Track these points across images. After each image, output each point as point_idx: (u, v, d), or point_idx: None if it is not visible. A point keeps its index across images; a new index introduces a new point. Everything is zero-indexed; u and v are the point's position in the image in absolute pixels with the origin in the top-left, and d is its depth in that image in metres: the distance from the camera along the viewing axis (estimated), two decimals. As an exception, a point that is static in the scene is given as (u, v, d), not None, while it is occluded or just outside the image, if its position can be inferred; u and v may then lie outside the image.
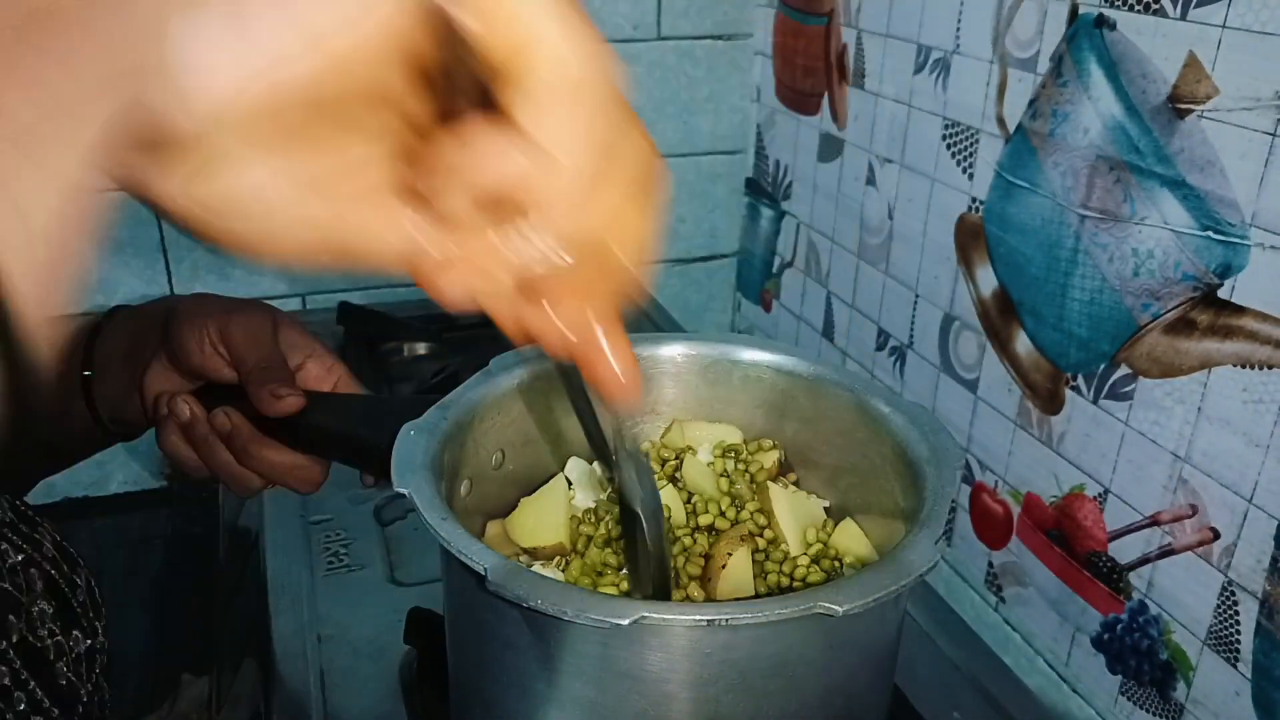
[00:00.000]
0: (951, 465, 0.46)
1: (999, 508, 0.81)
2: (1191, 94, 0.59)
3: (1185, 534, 0.63)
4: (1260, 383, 0.57)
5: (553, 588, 0.38)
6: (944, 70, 0.82)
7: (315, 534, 0.80)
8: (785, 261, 1.15)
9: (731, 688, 0.39)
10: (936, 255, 0.86)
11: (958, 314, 0.84)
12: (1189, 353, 0.62)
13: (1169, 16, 0.60)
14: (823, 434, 0.56)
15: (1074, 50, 0.68)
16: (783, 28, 1.10)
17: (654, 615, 0.36)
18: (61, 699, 0.46)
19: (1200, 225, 0.60)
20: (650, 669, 0.39)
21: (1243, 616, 0.60)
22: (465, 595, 0.44)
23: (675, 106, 1.19)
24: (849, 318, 1.02)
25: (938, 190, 0.85)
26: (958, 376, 0.85)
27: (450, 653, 0.49)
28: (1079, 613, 0.73)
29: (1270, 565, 0.58)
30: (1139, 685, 0.68)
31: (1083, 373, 0.70)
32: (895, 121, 0.90)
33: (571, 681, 0.41)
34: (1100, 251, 0.67)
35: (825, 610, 0.37)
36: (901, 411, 0.51)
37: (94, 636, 0.50)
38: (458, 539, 0.40)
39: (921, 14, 0.84)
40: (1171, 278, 0.62)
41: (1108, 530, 0.70)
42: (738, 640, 0.39)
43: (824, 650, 0.41)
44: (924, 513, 0.43)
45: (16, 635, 0.44)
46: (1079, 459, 0.72)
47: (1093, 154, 0.67)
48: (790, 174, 1.12)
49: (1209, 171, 0.59)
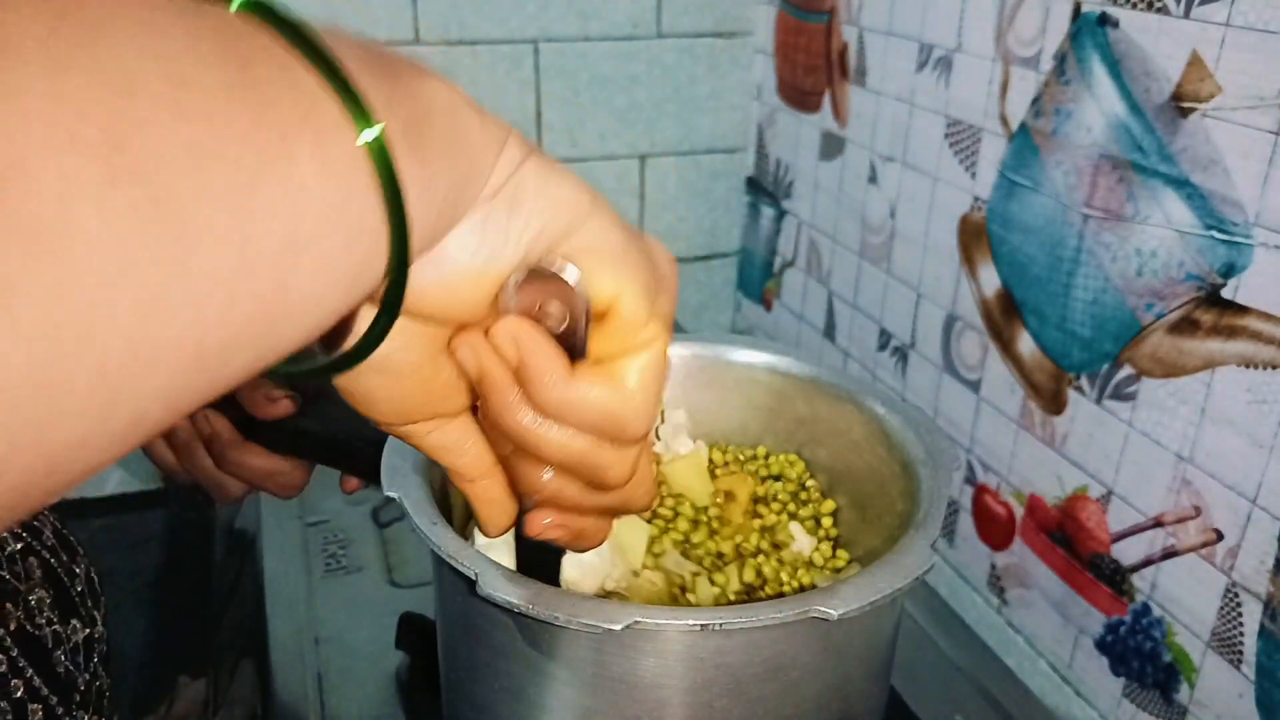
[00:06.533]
0: (947, 467, 0.46)
1: (1001, 509, 0.81)
2: (1195, 92, 0.59)
3: (1188, 535, 0.63)
4: (1264, 383, 0.57)
5: (544, 593, 0.37)
6: (946, 68, 0.82)
7: (312, 535, 0.80)
8: (786, 261, 1.15)
9: (726, 692, 0.39)
10: (939, 255, 0.85)
11: (960, 314, 0.83)
12: (1192, 353, 0.61)
13: (1172, 15, 0.59)
14: (818, 435, 0.55)
15: (1077, 48, 0.67)
16: (784, 25, 1.09)
17: (647, 620, 0.36)
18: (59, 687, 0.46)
19: (1204, 225, 0.59)
20: (644, 674, 0.38)
21: (1246, 618, 0.59)
22: (457, 600, 0.43)
23: (675, 104, 1.18)
24: (850, 317, 1.01)
25: (940, 189, 0.84)
26: (960, 377, 0.84)
27: (442, 658, 0.49)
28: (1082, 614, 0.73)
29: (1274, 566, 0.57)
30: (1142, 687, 0.68)
31: (1086, 373, 0.70)
32: (897, 120, 0.89)
33: (565, 688, 0.40)
34: (1103, 251, 0.66)
35: (820, 614, 0.36)
36: (897, 412, 0.50)
37: (93, 625, 0.50)
38: (448, 543, 0.40)
39: (924, 12, 0.84)
40: (1175, 277, 0.61)
41: (1111, 532, 0.69)
42: (732, 645, 0.38)
43: (819, 654, 0.41)
44: (919, 515, 0.43)
45: (14, 623, 0.44)
46: (1082, 460, 0.71)
47: (1096, 153, 0.66)
48: (791, 173, 1.11)
49: (1212, 170, 0.58)
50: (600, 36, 1.12)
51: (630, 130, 1.18)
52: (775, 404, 0.56)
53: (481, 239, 0.28)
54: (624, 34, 1.13)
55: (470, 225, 0.28)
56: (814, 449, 0.56)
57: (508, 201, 0.28)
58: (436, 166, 0.26)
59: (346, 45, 0.24)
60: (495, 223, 0.28)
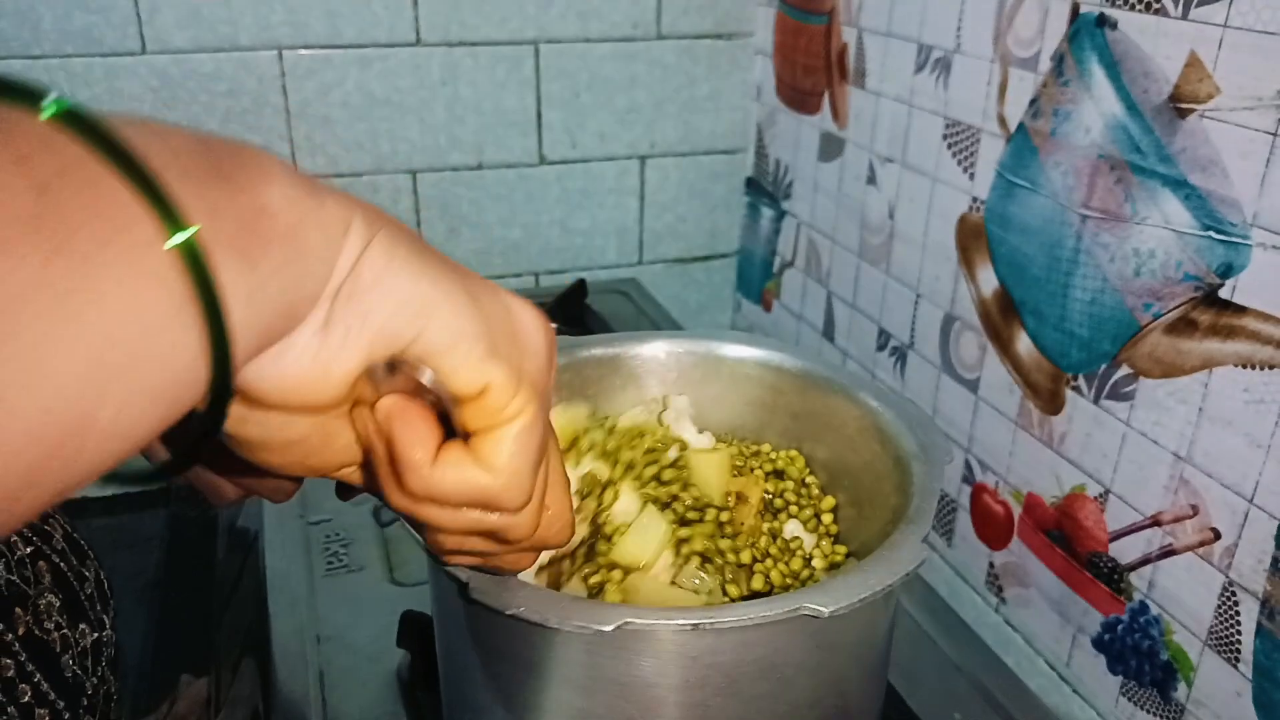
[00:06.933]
0: (939, 460, 0.46)
1: (1000, 508, 0.81)
2: (1193, 93, 0.59)
3: (1186, 534, 0.63)
4: (1261, 383, 0.57)
5: (535, 595, 0.38)
6: (945, 69, 0.82)
7: (314, 534, 0.80)
8: (786, 261, 1.15)
9: (720, 691, 0.39)
10: (937, 255, 0.85)
11: (959, 314, 0.84)
12: (1190, 353, 0.61)
13: (1170, 16, 0.59)
14: (814, 431, 0.55)
15: (1075, 49, 0.67)
16: (783, 26, 1.10)
17: (638, 620, 0.36)
18: (67, 691, 0.46)
19: (1202, 225, 0.59)
20: (637, 674, 0.38)
21: (1244, 617, 0.59)
22: (452, 603, 0.43)
23: (675, 105, 1.18)
24: (850, 318, 1.02)
25: (939, 190, 0.84)
26: (959, 377, 0.84)
27: (440, 659, 0.49)
28: (1080, 613, 0.73)
29: (1271, 565, 0.57)
30: (1140, 686, 0.68)
31: (1084, 373, 0.70)
32: (896, 121, 0.89)
33: (559, 689, 0.40)
34: (1101, 251, 0.66)
35: (811, 611, 0.36)
36: (891, 406, 0.50)
37: (101, 629, 0.50)
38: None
39: (922, 13, 0.84)
40: (1173, 278, 0.61)
41: (1109, 531, 0.69)
42: (724, 644, 0.38)
43: (813, 651, 0.41)
44: (911, 509, 0.43)
45: (23, 628, 0.44)
46: (1080, 459, 0.71)
47: (1094, 153, 0.66)
48: (791, 173, 1.11)
49: (1210, 171, 0.58)
50: (600, 37, 1.13)
51: (630, 130, 1.18)
52: (770, 399, 0.56)
53: (323, 341, 0.27)
54: (624, 35, 1.13)
55: (312, 325, 0.27)
56: (810, 444, 0.56)
57: (346, 300, 0.27)
58: (268, 270, 0.24)
59: (175, 149, 0.23)
60: (336, 323, 0.27)
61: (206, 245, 0.22)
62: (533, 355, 0.32)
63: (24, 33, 0.97)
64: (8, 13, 0.96)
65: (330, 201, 0.27)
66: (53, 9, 0.97)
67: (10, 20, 0.96)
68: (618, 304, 1.19)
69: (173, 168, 0.22)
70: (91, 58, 0.99)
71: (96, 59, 0.99)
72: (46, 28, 0.97)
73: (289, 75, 1.05)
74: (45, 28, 0.97)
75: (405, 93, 1.09)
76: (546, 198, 1.19)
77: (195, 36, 1.01)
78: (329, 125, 1.08)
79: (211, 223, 0.23)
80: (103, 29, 0.98)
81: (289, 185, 0.26)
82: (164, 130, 0.24)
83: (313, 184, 0.27)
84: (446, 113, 1.11)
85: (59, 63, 0.98)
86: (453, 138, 1.13)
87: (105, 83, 1.00)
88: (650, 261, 1.26)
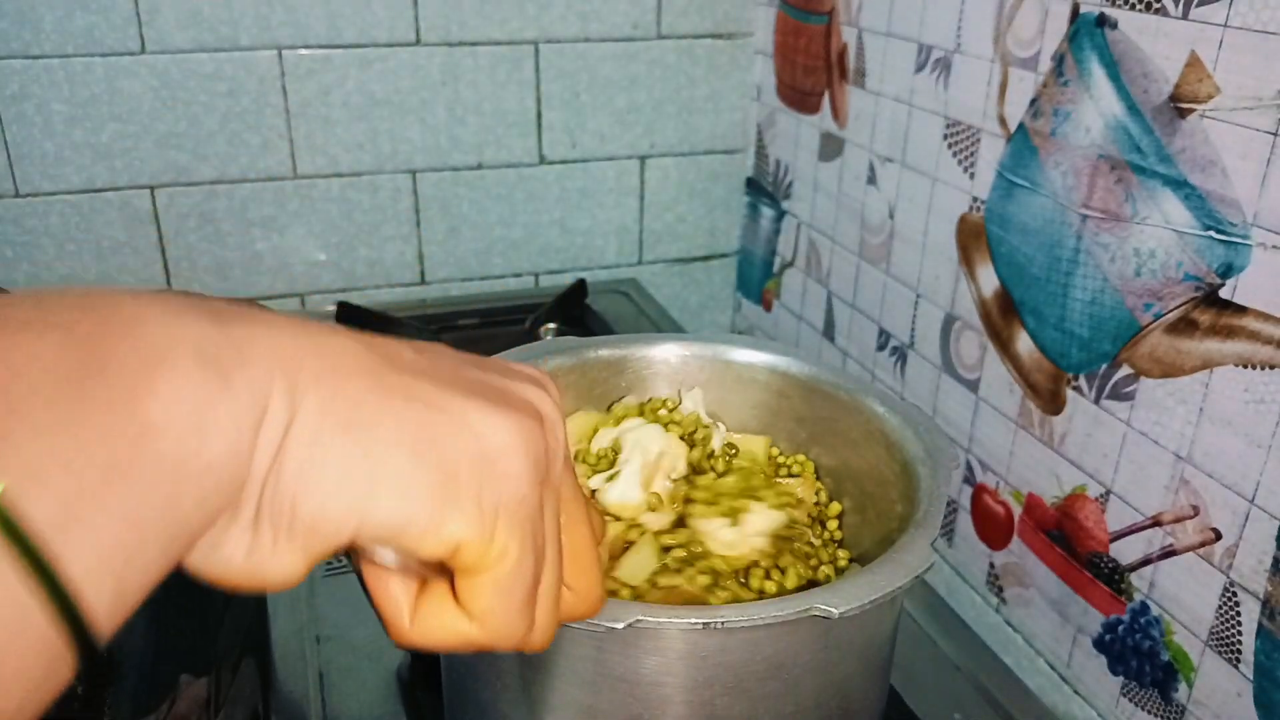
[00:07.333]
0: (946, 466, 0.46)
1: (1000, 508, 0.81)
2: (1193, 93, 0.59)
3: (1187, 534, 0.63)
4: (1262, 383, 0.57)
5: None
6: (945, 69, 0.82)
7: (314, 535, 0.80)
8: (786, 261, 1.15)
9: (727, 690, 0.39)
10: (937, 255, 0.86)
11: (959, 314, 0.84)
12: (1190, 353, 0.61)
13: (1170, 16, 0.60)
14: (818, 435, 0.55)
15: (1075, 49, 0.67)
16: (783, 26, 1.10)
17: (649, 618, 0.36)
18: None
19: (1202, 225, 0.59)
20: (645, 672, 0.38)
21: (1244, 617, 0.59)
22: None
23: (675, 105, 1.19)
24: (850, 318, 1.02)
25: (939, 190, 0.84)
26: (959, 377, 0.84)
27: (444, 657, 0.49)
28: (1080, 613, 0.73)
29: (1272, 566, 0.57)
30: (1140, 686, 0.68)
31: (1084, 373, 0.70)
32: (896, 121, 0.90)
33: (567, 686, 0.41)
34: (1102, 251, 0.67)
35: (821, 613, 0.36)
36: (897, 412, 0.51)
37: None
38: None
39: (922, 13, 0.84)
40: (1173, 278, 0.62)
41: (1109, 531, 0.69)
42: (733, 643, 0.38)
43: (820, 652, 0.41)
44: (919, 514, 0.43)
45: None
46: (1080, 459, 0.71)
47: (1094, 153, 0.66)
48: (791, 173, 1.11)
49: (1210, 171, 0.58)
50: (600, 37, 1.13)
51: (630, 131, 1.18)
52: (776, 404, 0.57)
53: (254, 540, 0.25)
54: (624, 35, 1.13)
55: (241, 521, 0.25)
56: (815, 449, 0.56)
57: (272, 494, 0.25)
58: (150, 498, 0.22)
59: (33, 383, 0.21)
60: (264, 521, 0.25)
61: (45, 516, 0.20)
62: (514, 477, 0.29)
63: (24, 33, 0.97)
64: (8, 13, 0.96)
65: (241, 380, 0.24)
66: (53, 9, 0.96)
67: (10, 20, 0.96)
68: (618, 304, 1.19)
69: (24, 421, 0.20)
70: (91, 58, 0.99)
71: (96, 59, 0.99)
72: (46, 28, 0.97)
73: (289, 75, 1.05)
74: (45, 28, 0.97)
75: (405, 93, 1.09)
76: (546, 198, 1.19)
77: (195, 36, 1.01)
78: (329, 125, 1.08)
79: (64, 479, 0.20)
80: (103, 29, 0.98)
81: (181, 381, 0.23)
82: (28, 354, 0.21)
83: (219, 360, 0.23)
84: (447, 113, 1.11)
85: (59, 63, 0.98)
86: (453, 138, 1.13)
87: (105, 83, 1.00)
88: (650, 261, 1.27)
